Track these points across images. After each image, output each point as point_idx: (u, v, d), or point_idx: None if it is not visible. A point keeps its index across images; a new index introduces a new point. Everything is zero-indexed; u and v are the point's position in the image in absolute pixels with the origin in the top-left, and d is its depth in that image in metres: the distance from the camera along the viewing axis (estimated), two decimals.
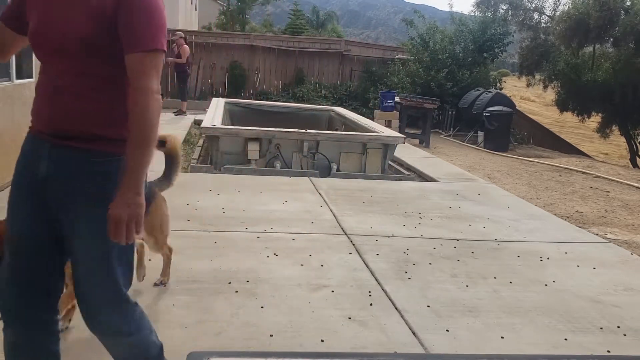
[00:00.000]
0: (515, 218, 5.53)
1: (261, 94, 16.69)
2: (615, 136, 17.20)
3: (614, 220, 6.26)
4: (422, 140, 11.94)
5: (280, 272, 3.72)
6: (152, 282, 3.39)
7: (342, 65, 17.62)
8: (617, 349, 2.99)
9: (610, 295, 3.73)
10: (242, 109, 11.49)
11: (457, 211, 5.68)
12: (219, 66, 16.69)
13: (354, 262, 4.04)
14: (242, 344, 2.78)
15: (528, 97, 27.16)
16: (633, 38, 14.27)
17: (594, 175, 9.03)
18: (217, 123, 7.85)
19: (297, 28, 31.48)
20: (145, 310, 3.04)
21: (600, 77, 14.98)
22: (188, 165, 7.64)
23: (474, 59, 15.07)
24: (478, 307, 3.40)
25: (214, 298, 3.26)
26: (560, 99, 16.49)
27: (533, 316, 3.33)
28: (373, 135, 8.13)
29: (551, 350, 2.96)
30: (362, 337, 2.95)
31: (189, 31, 19.22)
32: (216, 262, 3.81)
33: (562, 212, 6.38)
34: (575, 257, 4.47)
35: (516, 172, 9.23)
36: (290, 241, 4.36)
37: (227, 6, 29.60)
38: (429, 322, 3.16)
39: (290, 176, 6.88)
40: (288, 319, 3.05)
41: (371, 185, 6.64)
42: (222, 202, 5.34)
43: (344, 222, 4.98)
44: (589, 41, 15.59)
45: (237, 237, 4.39)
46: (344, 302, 3.34)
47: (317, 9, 43.03)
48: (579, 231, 5.40)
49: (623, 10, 14.92)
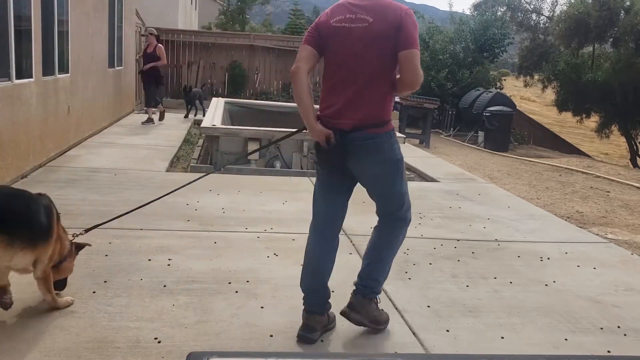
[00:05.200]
0: (515, 218, 5.53)
1: (261, 94, 16.69)
2: (616, 136, 17.21)
3: (614, 220, 6.26)
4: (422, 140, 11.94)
5: (280, 272, 3.72)
6: (152, 282, 3.38)
7: None
8: (617, 349, 2.98)
9: (610, 296, 3.72)
10: (242, 109, 11.50)
11: (457, 211, 5.67)
12: (218, 66, 16.69)
13: (354, 262, 4.03)
14: (242, 344, 2.78)
15: (528, 97, 27.16)
16: (633, 38, 14.28)
17: (594, 175, 9.03)
18: (217, 123, 7.85)
19: (297, 28, 31.44)
20: (145, 310, 3.05)
21: (600, 77, 14.99)
22: (188, 165, 7.64)
23: (474, 58, 15.09)
24: (478, 307, 3.39)
25: (214, 298, 3.26)
26: (560, 99, 16.50)
27: (533, 316, 3.33)
28: None
29: (551, 350, 2.95)
30: (362, 337, 2.95)
31: (189, 31, 19.23)
32: (216, 262, 3.81)
33: (563, 212, 6.38)
34: (576, 257, 4.47)
35: (516, 172, 9.23)
36: (290, 241, 4.36)
37: (227, 6, 29.60)
38: (429, 322, 3.16)
39: (290, 176, 6.87)
40: (288, 319, 3.05)
41: None
42: (222, 202, 5.34)
43: (344, 222, 4.96)
44: (589, 41, 15.61)
45: (237, 237, 4.39)
46: (344, 302, 3.33)
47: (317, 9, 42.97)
48: (579, 231, 5.40)
49: (623, 10, 14.94)
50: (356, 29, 2.68)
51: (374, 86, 2.71)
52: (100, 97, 9.41)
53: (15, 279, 2.87)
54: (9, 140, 5.34)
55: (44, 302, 2.92)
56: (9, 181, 5.30)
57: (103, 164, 6.73)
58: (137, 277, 3.44)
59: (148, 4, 16.18)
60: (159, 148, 8.19)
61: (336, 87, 2.77)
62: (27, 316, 2.90)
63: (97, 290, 3.22)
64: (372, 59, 2.69)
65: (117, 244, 3.96)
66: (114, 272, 3.48)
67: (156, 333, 2.81)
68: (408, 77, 2.71)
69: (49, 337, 2.71)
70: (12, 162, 5.39)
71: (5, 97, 5.25)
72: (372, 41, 2.67)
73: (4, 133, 5.22)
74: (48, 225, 2.72)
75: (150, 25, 15.62)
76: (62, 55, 7.09)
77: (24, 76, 5.72)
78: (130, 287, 3.29)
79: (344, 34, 2.70)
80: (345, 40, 2.69)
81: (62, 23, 7.04)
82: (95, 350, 2.63)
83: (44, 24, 6.27)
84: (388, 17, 2.66)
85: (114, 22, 10.22)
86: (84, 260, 3.19)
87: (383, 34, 2.66)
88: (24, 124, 5.73)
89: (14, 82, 5.44)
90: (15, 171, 5.50)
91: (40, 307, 2.95)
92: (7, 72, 5.34)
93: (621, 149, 19.13)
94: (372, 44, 2.67)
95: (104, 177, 6.05)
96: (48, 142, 6.53)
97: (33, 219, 2.66)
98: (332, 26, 2.72)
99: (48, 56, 6.47)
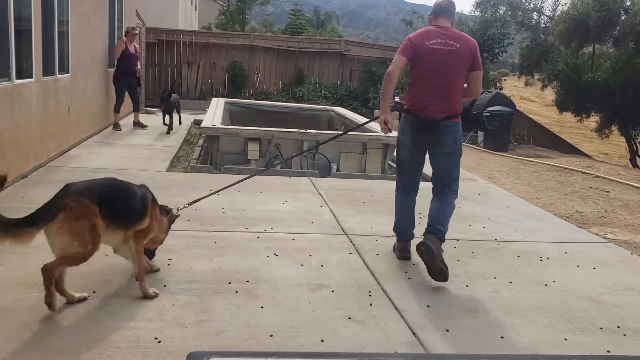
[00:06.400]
0: (515, 218, 5.53)
1: (261, 94, 16.70)
2: (615, 136, 17.21)
3: (614, 220, 6.26)
4: None
5: (280, 272, 3.72)
6: (152, 282, 3.39)
7: (342, 65, 17.63)
8: (617, 349, 2.99)
9: (610, 295, 3.73)
10: (242, 109, 11.49)
11: (457, 211, 5.63)
12: (218, 66, 16.70)
13: (354, 262, 4.04)
14: (242, 344, 2.78)
15: (528, 97, 27.17)
16: (633, 38, 14.28)
17: (594, 175, 9.03)
18: (217, 123, 7.85)
19: (297, 28, 31.46)
20: (144, 310, 3.05)
21: (600, 77, 14.98)
22: (188, 165, 7.65)
23: None
24: (478, 307, 3.40)
25: (214, 298, 3.26)
26: (560, 99, 16.50)
27: (533, 316, 3.33)
28: (373, 135, 8.13)
29: (551, 350, 2.96)
30: (362, 337, 2.95)
31: (189, 31, 19.23)
32: (216, 262, 3.81)
33: (562, 212, 6.38)
34: (576, 257, 4.47)
35: (516, 172, 9.23)
36: (290, 241, 4.36)
37: (227, 6, 29.60)
38: (429, 322, 3.16)
39: (290, 176, 6.88)
40: (288, 319, 3.05)
41: (371, 185, 6.64)
42: (222, 202, 5.34)
43: (344, 222, 4.98)
44: (589, 41, 15.61)
45: (237, 237, 4.39)
46: (344, 302, 3.34)
47: (317, 8, 43.00)
48: (579, 231, 5.40)
49: (623, 10, 14.94)
50: (447, 51, 3.85)
51: (454, 91, 3.91)
52: (101, 97, 9.42)
53: (16, 279, 2.88)
54: (9, 140, 5.34)
55: (43, 302, 2.92)
56: (8, 181, 5.30)
57: (103, 164, 6.73)
58: None
59: (148, 4, 16.18)
60: (159, 148, 8.20)
61: (429, 90, 3.87)
62: (27, 316, 2.90)
63: (98, 290, 3.22)
64: (455, 74, 3.89)
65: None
66: (114, 272, 3.49)
67: (156, 333, 2.81)
68: (475, 89, 4.05)
69: (49, 337, 2.72)
70: (12, 162, 5.39)
71: (6, 97, 5.25)
72: (457, 61, 3.88)
73: (4, 133, 5.22)
74: (142, 211, 3.25)
75: (150, 25, 15.66)
76: (62, 55, 7.09)
77: (24, 76, 5.73)
78: (131, 287, 3.29)
79: (437, 53, 3.85)
80: (438, 58, 3.85)
81: (62, 23, 7.04)
82: (95, 350, 2.63)
83: (44, 24, 6.27)
84: (468, 46, 3.90)
85: (114, 22, 10.22)
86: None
87: (465, 57, 3.88)
88: (25, 124, 5.73)
89: (14, 82, 5.44)
90: (16, 171, 5.51)
91: (40, 307, 2.95)
92: (7, 72, 5.35)
93: (621, 149, 19.14)
94: (457, 63, 3.88)
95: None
96: (48, 142, 6.53)
97: (130, 207, 3.21)
98: (427, 47, 3.85)
99: (48, 56, 6.48)
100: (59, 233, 2.83)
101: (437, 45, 3.86)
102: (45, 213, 2.80)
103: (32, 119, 5.96)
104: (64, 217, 2.82)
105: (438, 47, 3.86)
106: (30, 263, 3.51)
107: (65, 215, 2.83)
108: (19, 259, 3.56)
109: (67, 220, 2.83)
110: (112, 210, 3.06)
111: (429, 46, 3.85)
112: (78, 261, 2.95)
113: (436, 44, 3.86)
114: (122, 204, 3.19)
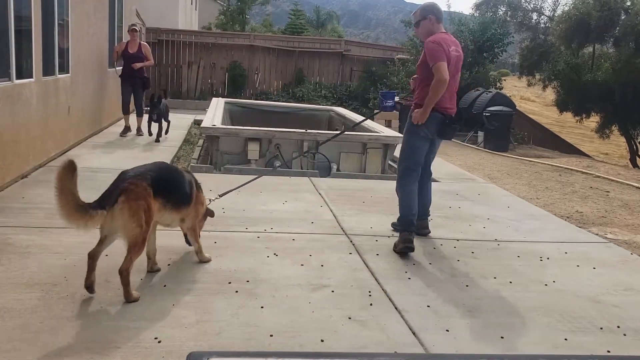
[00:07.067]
0: (515, 218, 5.53)
1: (261, 94, 16.70)
2: (615, 136, 17.20)
3: (614, 220, 6.26)
4: None
5: (280, 272, 3.72)
6: (152, 282, 3.39)
7: (342, 65, 17.63)
8: (617, 349, 2.99)
9: (610, 295, 3.73)
10: (242, 109, 11.49)
11: (457, 211, 5.68)
12: (218, 66, 16.70)
13: (354, 262, 4.04)
14: (242, 344, 2.78)
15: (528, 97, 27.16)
16: (633, 38, 14.27)
17: (594, 175, 9.03)
18: (217, 123, 7.85)
19: (297, 28, 31.48)
20: (144, 310, 3.05)
21: (600, 77, 14.97)
22: (188, 165, 7.65)
23: (473, 59, 15.06)
24: (478, 307, 3.40)
25: (214, 298, 3.26)
26: (560, 99, 16.49)
27: (533, 316, 3.33)
28: (373, 135, 8.13)
29: (551, 350, 2.96)
30: (362, 337, 2.95)
31: (189, 31, 19.25)
32: (216, 262, 3.81)
33: (562, 212, 6.38)
34: (575, 257, 4.47)
35: (516, 172, 9.23)
36: (290, 241, 4.36)
37: (227, 6, 29.60)
38: (429, 322, 3.16)
39: (291, 176, 6.87)
40: (288, 319, 3.05)
41: (371, 185, 6.64)
42: (222, 202, 5.33)
43: (344, 222, 4.98)
44: (589, 41, 15.60)
45: (237, 237, 4.40)
46: (344, 302, 3.34)
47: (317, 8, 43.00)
48: (579, 231, 5.40)
49: (623, 10, 14.93)
50: (458, 57, 4.43)
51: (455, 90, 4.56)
52: (101, 97, 9.42)
53: (16, 279, 2.88)
54: (10, 140, 5.34)
55: (44, 303, 2.92)
56: (9, 181, 5.30)
57: (104, 163, 6.73)
58: (137, 276, 3.44)
59: (148, 4, 16.18)
60: (160, 148, 8.20)
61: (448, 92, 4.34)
62: (27, 316, 2.90)
63: (98, 290, 3.22)
64: (457, 77, 4.52)
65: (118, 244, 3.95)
66: (115, 272, 3.48)
67: (156, 333, 2.81)
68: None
69: (49, 337, 2.72)
70: (12, 161, 5.39)
71: (6, 97, 5.25)
72: (460, 66, 4.50)
73: (5, 133, 5.22)
74: (190, 193, 3.60)
75: (150, 25, 15.67)
76: (62, 55, 7.09)
77: (24, 76, 5.72)
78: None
79: (454, 59, 4.35)
80: (454, 63, 4.36)
81: (62, 23, 7.04)
82: (95, 350, 2.63)
83: (44, 24, 6.27)
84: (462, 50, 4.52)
85: (114, 22, 10.22)
86: (85, 260, 3.19)
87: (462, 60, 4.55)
88: (25, 123, 5.73)
89: (14, 82, 5.44)
90: (16, 171, 5.51)
91: (40, 307, 2.95)
92: (8, 72, 5.35)
93: (621, 149, 19.13)
94: (459, 67, 4.50)
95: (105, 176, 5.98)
96: (48, 142, 6.53)
97: (180, 189, 3.54)
98: (450, 54, 4.31)
99: (48, 56, 6.48)
100: (121, 213, 3.10)
101: (454, 52, 4.34)
102: (109, 197, 3.11)
103: (32, 119, 5.96)
104: (124, 199, 3.11)
105: (454, 53, 4.35)
106: (31, 263, 3.51)
107: (126, 196, 3.12)
108: (19, 259, 3.56)
109: (127, 202, 3.11)
110: (164, 192, 3.36)
111: (451, 53, 4.31)
112: (140, 245, 3.19)
113: (454, 51, 4.35)
114: (173, 187, 3.49)
